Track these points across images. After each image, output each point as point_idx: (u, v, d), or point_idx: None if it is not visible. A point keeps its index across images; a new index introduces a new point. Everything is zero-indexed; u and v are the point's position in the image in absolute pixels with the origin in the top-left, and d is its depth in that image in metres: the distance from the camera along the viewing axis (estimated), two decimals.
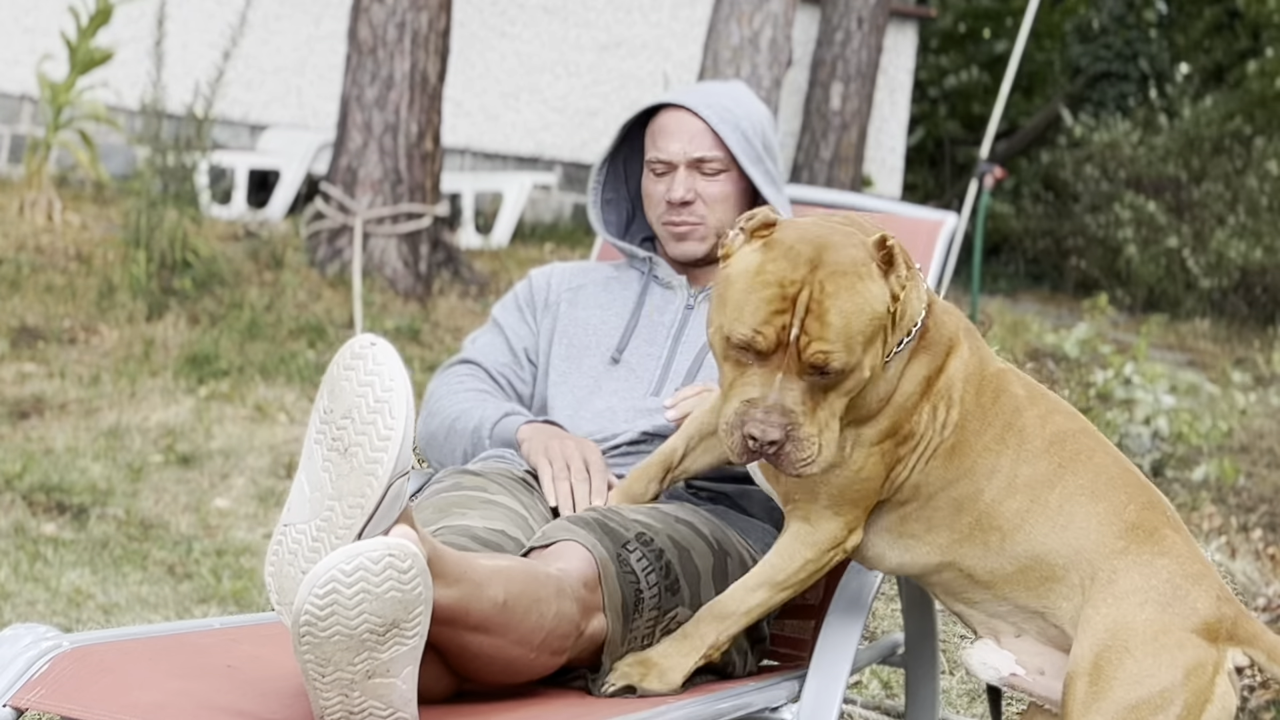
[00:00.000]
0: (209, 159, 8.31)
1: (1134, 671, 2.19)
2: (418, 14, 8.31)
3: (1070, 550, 2.27)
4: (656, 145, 2.87)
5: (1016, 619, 2.34)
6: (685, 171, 2.85)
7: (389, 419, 1.96)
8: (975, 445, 2.31)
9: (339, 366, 2.03)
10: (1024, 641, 2.35)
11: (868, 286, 2.17)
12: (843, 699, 2.44)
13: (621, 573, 2.33)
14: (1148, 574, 2.24)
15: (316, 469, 2.03)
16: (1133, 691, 2.18)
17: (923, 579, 2.41)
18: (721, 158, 2.85)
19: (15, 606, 4.18)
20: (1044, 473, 2.30)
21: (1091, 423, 2.41)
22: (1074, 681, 2.21)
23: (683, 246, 2.88)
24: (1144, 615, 2.22)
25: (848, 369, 2.17)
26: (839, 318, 2.14)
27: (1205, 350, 11.11)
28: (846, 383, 2.18)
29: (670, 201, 2.85)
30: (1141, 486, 2.36)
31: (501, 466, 2.69)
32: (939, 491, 2.31)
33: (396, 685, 1.96)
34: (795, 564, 2.35)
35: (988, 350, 2.41)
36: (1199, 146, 14.05)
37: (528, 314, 2.96)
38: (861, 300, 2.16)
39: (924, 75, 17.22)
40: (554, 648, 2.22)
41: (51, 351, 6.81)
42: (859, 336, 2.16)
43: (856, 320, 2.15)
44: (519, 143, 12.38)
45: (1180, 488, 6.41)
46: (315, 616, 1.89)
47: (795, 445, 2.16)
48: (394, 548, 1.91)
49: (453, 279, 8.68)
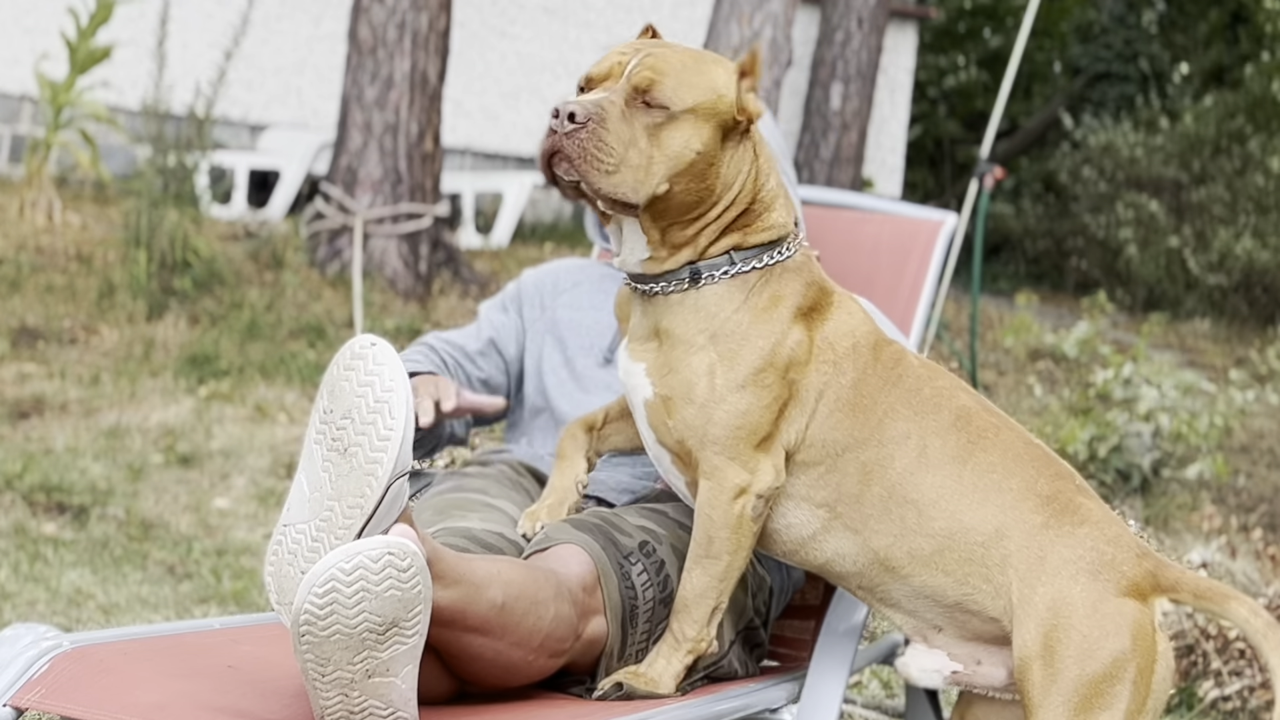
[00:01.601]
0: (209, 159, 8.31)
1: (1083, 645, 2.19)
2: (418, 14, 8.31)
3: (990, 528, 2.25)
4: None
5: (934, 614, 2.32)
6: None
7: (389, 419, 1.96)
8: (879, 404, 2.29)
9: (339, 367, 2.03)
10: (946, 636, 2.34)
11: (714, 66, 2.24)
12: (843, 699, 2.44)
13: (623, 585, 2.33)
14: (1073, 545, 2.24)
15: (316, 469, 2.03)
16: (1088, 666, 2.19)
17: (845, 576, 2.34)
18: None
19: (15, 606, 4.18)
20: (954, 448, 2.28)
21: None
22: (1028, 666, 2.21)
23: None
24: (1079, 587, 2.22)
25: (672, 109, 2.18)
26: (678, 61, 2.20)
27: (1205, 350, 11.11)
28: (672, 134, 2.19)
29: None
30: (1048, 459, 2.35)
31: (504, 467, 2.69)
32: (845, 451, 2.27)
33: (396, 684, 1.96)
34: (710, 527, 2.27)
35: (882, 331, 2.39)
36: (1199, 147, 14.05)
37: (511, 310, 2.94)
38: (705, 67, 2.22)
39: (924, 75, 17.22)
40: (552, 650, 2.22)
41: (51, 351, 6.81)
42: (689, 88, 2.19)
43: (693, 74, 2.20)
44: (519, 143, 12.38)
45: (1179, 488, 6.41)
46: (315, 615, 1.89)
47: (596, 142, 2.14)
48: (393, 546, 1.91)
49: (453, 279, 8.68)
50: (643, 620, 2.35)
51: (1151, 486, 6.36)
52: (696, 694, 2.35)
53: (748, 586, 2.57)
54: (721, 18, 7.94)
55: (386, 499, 1.96)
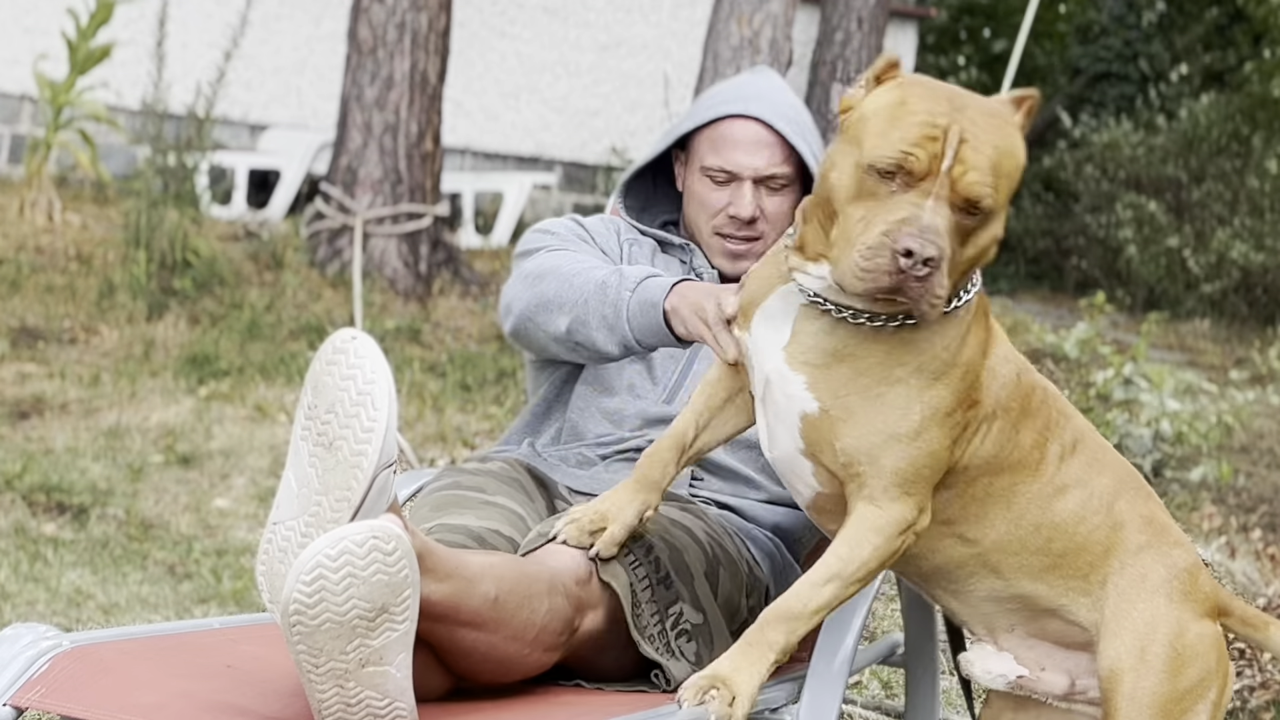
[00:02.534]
0: (209, 159, 8.30)
1: (1175, 662, 2.26)
2: (418, 14, 8.31)
3: (1101, 549, 2.30)
4: (720, 154, 2.74)
5: (1016, 617, 2.34)
6: (751, 187, 2.74)
7: (372, 411, 1.97)
8: (1021, 431, 2.25)
9: (321, 362, 2.04)
10: (1016, 636, 2.36)
11: (1014, 133, 2.07)
12: (843, 699, 2.44)
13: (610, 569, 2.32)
14: (1169, 565, 2.31)
15: (303, 464, 2.03)
16: (1179, 680, 2.26)
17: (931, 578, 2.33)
18: (789, 173, 2.75)
19: (15, 606, 4.18)
20: (1078, 472, 2.30)
21: (1089, 421, 2.42)
22: (1119, 678, 2.26)
23: (736, 266, 2.76)
24: (1174, 607, 2.29)
25: (993, 213, 2.05)
26: (994, 152, 2.03)
27: (1205, 350, 11.10)
28: (982, 235, 2.06)
29: (736, 217, 2.74)
30: (1139, 478, 2.41)
31: (503, 464, 2.68)
32: (982, 476, 2.23)
33: (391, 674, 1.96)
34: (865, 551, 2.16)
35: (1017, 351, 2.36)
36: (1199, 147, 14.05)
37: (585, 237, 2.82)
38: (1011, 143, 2.05)
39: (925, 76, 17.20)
40: (547, 644, 2.22)
41: (51, 351, 6.81)
42: (1005, 181, 2.04)
43: (1007, 161, 2.04)
44: (519, 143, 12.38)
45: (1180, 488, 6.41)
46: (304, 605, 1.89)
47: (939, 282, 1.99)
48: (378, 530, 1.92)
49: (453, 279, 8.68)
50: (644, 600, 2.35)
51: (1152, 487, 6.37)
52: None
53: (743, 587, 2.57)
54: (721, 18, 7.94)
55: (373, 491, 1.97)
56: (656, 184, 2.94)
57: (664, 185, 2.94)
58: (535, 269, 2.66)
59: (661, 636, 2.37)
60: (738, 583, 2.55)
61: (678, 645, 2.39)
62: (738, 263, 2.76)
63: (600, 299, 2.53)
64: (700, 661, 2.39)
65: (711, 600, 2.47)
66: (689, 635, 2.41)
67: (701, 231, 2.80)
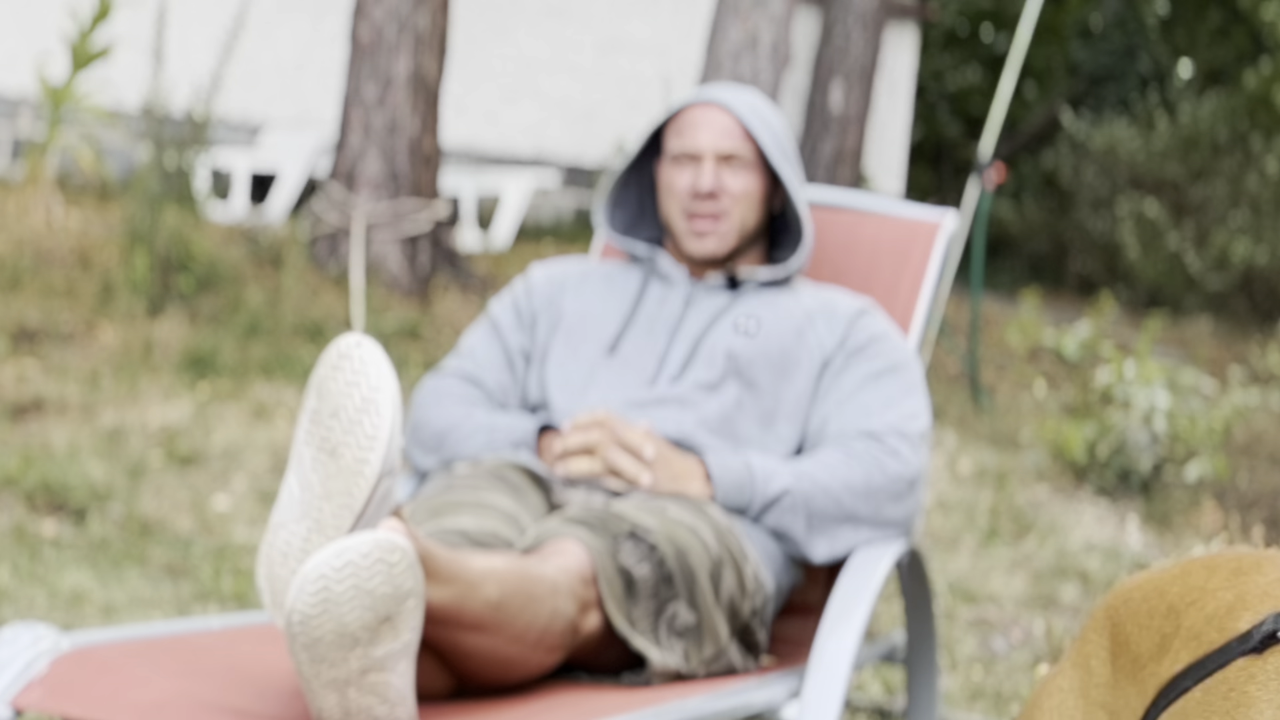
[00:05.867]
0: (209, 159, 8.30)
1: None
2: (418, 14, 8.31)
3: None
4: (683, 136, 2.87)
5: None
6: (712, 164, 2.85)
7: (375, 418, 1.96)
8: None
9: (325, 366, 2.03)
10: None
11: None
12: (843, 698, 2.44)
13: (615, 565, 2.33)
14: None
15: (306, 470, 2.03)
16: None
17: None
18: (749, 154, 2.87)
19: (15, 606, 4.18)
20: None
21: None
22: None
23: (703, 244, 2.88)
24: None
25: None
26: None
27: (1206, 349, 11.11)
28: None
29: (696, 192, 2.85)
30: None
31: (496, 464, 2.69)
32: None
33: (393, 682, 1.96)
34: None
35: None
36: (1199, 147, 14.05)
37: (525, 317, 2.96)
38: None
39: (924, 75, 17.22)
40: (550, 645, 2.22)
41: (51, 351, 6.81)
42: None
43: None
44: (519, 143, 12.38)
45: (1180, 488, 6.41)
46: (307, 615, 1.89)
47: None
48: (381, 541, 1.92)
49: (453, 279, 8.68)
50: (644, 596, 2.36)
51: (1152, 487, 6.36)
52: (697, 690, 2.35)
53: (745, 587, 2.57)
54: (721, 18, 7.94)
55: (375, 498, 1.96)
56: (642, 206, 3.07)
57: (656, 196, 3.06)
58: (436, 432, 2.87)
59: (653, 632, 2.38)
60: (741, 585, 2.55)
61: (668, 642, 2.40)
62: (702, 242, 2.88)
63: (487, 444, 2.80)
64: (687, 659, 2.40)
65: (712, 601, 2.47)
66: (680, 634, 2.42)
67: (673, 219, 2.91)
